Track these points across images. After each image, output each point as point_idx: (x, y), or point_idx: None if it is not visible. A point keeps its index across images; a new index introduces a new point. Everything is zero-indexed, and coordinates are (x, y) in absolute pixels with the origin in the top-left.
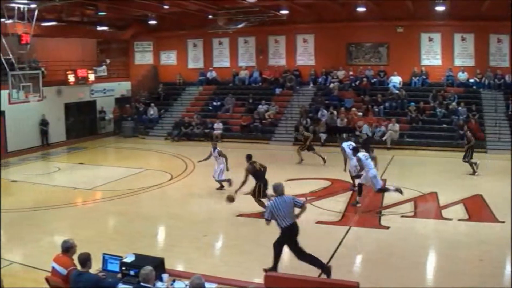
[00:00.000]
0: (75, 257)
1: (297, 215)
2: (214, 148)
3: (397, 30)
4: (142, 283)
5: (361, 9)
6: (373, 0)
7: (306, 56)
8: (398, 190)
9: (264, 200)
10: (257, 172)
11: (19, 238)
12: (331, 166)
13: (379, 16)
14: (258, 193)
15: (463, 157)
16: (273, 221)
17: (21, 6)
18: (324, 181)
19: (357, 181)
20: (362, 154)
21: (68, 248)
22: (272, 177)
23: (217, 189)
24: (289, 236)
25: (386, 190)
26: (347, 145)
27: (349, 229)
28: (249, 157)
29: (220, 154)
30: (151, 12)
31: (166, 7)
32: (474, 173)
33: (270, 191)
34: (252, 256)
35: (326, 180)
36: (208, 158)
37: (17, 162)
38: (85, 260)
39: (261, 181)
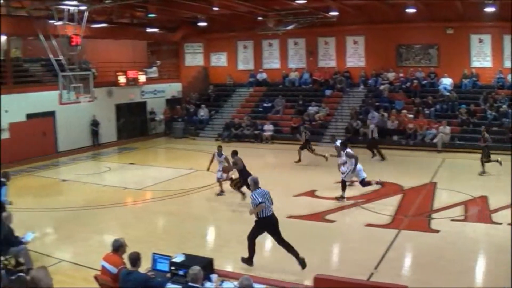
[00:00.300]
0: (125, 256)
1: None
2: (220, 154)
3: (447, 31)
4: (190, 283)
5: (410, 10)
6: (422, 0)
7: (356, 57)
8: (379, 183)
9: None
10: (243, 167)
11: (69, 236)
12: (381, 168)
13: (429, 17)
14: (235, 184)
15: (482, 156)
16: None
17: (71, 8)
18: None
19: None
20: (349, 149)
21: (118, 247)
22: (322, 179)
23: (217, 194)
24: (268, 225)
25: (369, 183)
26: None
27: (398, 232)
28: (235, 152)
29: (226, 159)
30: (200, 14)
31: (215, 9)
32: (483, 173)
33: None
34: None
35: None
36: (211, 162)
37: (67, 162)
38: (135, 259)
39: (243, 176)
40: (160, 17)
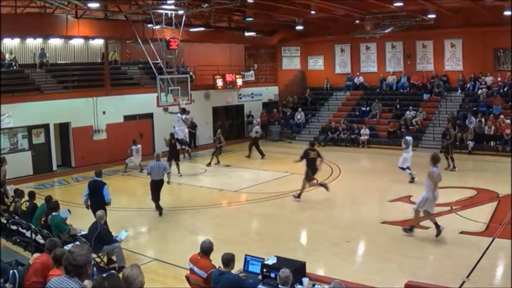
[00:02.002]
0: (218, 257)
1: (168, 181)
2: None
3: None
4: (280, 286)
5: (508, 13)
6: None
7: (454, 61)
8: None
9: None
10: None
11: (162, 236)
12: (478, 175)
13: None
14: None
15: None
16: None
17: (169, 12)
18: (469, 190)
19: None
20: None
21: (207, 249)
22: (418, 185)
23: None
24: (155, 186)
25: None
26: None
27: (492, 240)
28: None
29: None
30: (298, 17)
31: (313, 12)
32: (451, 167)
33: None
34: (393, 264)
35: (472, 189)
36: None
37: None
38: (229, 260)
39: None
40: (257, 21)
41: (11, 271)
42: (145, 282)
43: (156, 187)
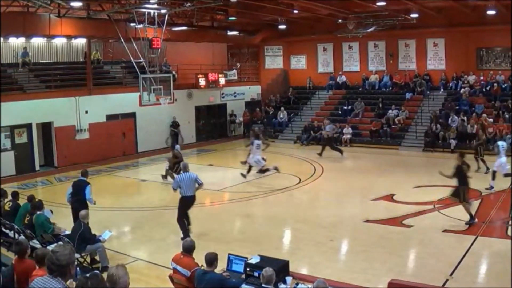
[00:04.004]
0: (201, 256)
1: (197, 189)
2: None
3: None
4: (264, 285)
5: (491, 13)
6: (503, 2)
7: (436, 60)
8: (276, 169)
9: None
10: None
11: (146, 236)
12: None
13: (510, 20)
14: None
15: (476, 154)
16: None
17: (152, 11)
18: (452, 189)
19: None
20: (257, 141)
21: (188, 247)
22: (401, 184)
23: None
24: (186, 204)
25: (267, 170)
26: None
27: (475, 239)
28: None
29: None
30: (281, 17)
31: (295, 11)
32: (487, 170)
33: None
34: (378, 263)
35: (455, 187)
36: None
37: (146, 163)
38: (212, 260)
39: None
40: (240, 20)
41: None
42: (130, 282)
43: (188, 204)
